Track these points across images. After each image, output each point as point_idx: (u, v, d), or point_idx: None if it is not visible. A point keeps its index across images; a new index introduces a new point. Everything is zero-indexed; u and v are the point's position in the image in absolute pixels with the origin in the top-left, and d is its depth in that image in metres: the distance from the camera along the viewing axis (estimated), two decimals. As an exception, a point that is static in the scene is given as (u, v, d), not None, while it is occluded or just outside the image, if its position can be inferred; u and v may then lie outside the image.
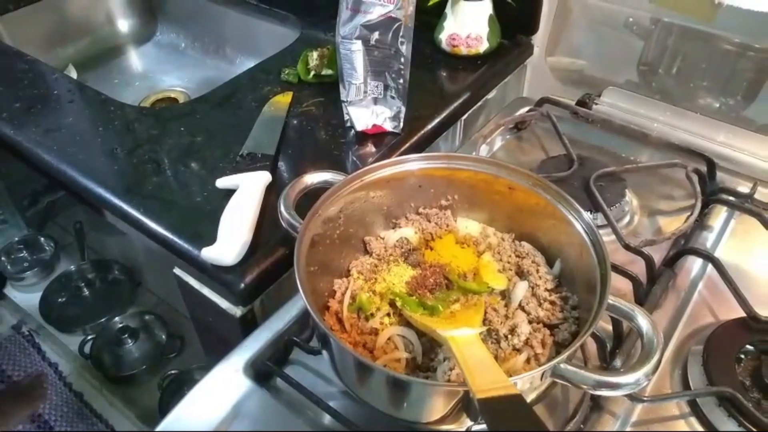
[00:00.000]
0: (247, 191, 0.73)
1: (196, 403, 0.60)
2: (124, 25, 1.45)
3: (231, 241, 0.68)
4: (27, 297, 1.56)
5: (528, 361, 0.56)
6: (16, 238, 1.64)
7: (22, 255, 1.61)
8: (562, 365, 0.48)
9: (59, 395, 1.33)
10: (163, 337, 1.42)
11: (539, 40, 1.08)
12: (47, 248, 1.63)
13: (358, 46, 0.78)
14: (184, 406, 0.60)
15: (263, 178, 0.76)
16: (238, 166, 0.80)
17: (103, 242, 1.60)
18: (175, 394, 1.29)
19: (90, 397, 1.34)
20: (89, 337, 1.43)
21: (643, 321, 0.51)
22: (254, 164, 0.79)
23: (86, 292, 1.53)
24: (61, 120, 0.92)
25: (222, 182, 0.77)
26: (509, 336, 0.57)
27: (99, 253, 1.61)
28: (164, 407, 1.29)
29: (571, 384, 0.49)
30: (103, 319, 1.46)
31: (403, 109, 0.84)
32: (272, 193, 0.76)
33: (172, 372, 1.34)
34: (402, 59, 0.79)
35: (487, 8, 0.99)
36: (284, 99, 0.94)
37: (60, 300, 1.52)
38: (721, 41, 0.90)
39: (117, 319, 1.45)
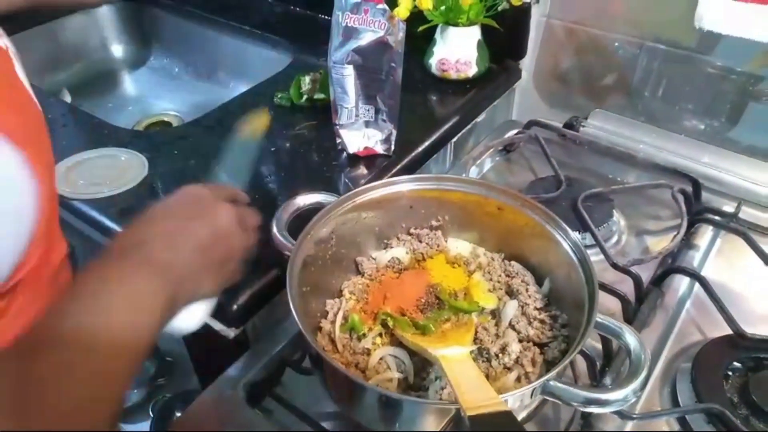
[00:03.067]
0: None
1: (187, 425, 0.60)
2: (117, 50, 1.47)
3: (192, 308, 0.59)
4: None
5: (518, 379, 0.57)
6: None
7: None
8: (551, 382, 0.49)
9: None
10: (155, 361, 1.41)
11: (527, 64, 1.10)
12: (38, 272, 1.62)
13: (349, 70, 0.79)
14: (176, 428, 0.60)
15: None
16: None
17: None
18: (167, 419, 1.28)
19: (80, 423, 1.32)
20: (79, 362, 1.42)
21: (630, 338, 0.52)
22: None
23: (77, 316, 1.51)
24: (54, 143, 0.92)
25: None
26: (500, 355, 0.58)
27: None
28: (156, 432, 1.27)
29: (561, 401, 0.49)
30: (93, 344, 1.45)
31: (394, 132, 0.86)
32: (265, 215, 0.76)
33: (164, 396, 1.33)
34: (393, 83, 0.80)
35: (475, 34, 1.01)
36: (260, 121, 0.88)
37: (50, 324, 1.51)
38: (705, 65, 0.92)
39: (108, 343, 1.44)
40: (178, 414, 0.59)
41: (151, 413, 1.31)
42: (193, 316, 0.57)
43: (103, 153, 0.88)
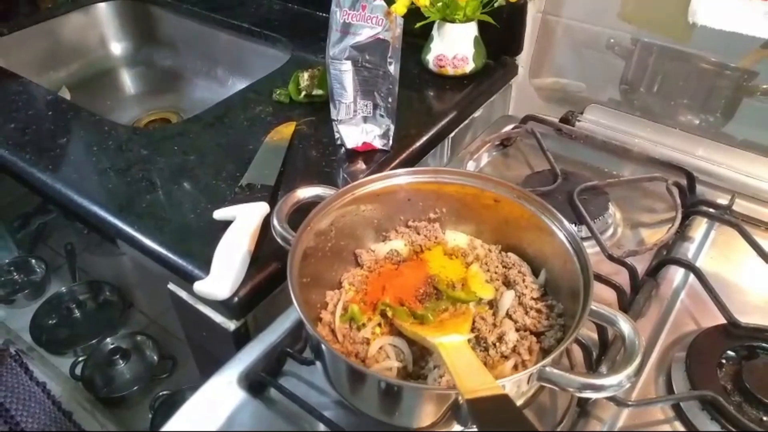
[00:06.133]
0: (243, 223, 0.72)
1: (190, 416, 0.61)
2: (117, 47, 1.48)
3: (224, 276, 0.67)
4: (18, 319, 1.56)
5: (515, 367, 0.57)
6: (7, 261, 1.64)
7: (12, 277, 1.61)
8: (548, 368, 0.50)
9: (47, 414, 1.32)
10: (155, 357, 1.42)
11: (523, 60, 1.11)
12: (38, 270, 1.63)
13: (347, 66, 0.80)
14: (179, 419, 0.60)
15: (261, 209, 0.75)
16: (236, 197, 0.78)
17: (95, 264, 1.60)
18: (167, 415, 1.28)
19: (81, 419, 1.33)
20: (80, 359, 1.43)
21: (624, 325, 0.52)
22: (252, 195, 0.78)
23: (77, 313, 1.53)
24: (55, 141, 0.93)
25: (219, 214, 0.76)
26: (497, 344, 0.59)
27: (90, 274, 1.61)
28: (156, 428, 1.28)
29: (557, 387, 0.50)
30: (94, 341, 1.46)
31: (392, 127, 0.87)
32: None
33: (164, 393, 1.34)
34: (390, 79, 0.81)
35: (472, 30, 1.02)
36: (287, 129, 0.93)
37: (51, 322, 1.52)
38: (699, 60, 0.93)
39: (108, 340, 1.45)
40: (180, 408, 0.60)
41: (150, 410, 1.32)
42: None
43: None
